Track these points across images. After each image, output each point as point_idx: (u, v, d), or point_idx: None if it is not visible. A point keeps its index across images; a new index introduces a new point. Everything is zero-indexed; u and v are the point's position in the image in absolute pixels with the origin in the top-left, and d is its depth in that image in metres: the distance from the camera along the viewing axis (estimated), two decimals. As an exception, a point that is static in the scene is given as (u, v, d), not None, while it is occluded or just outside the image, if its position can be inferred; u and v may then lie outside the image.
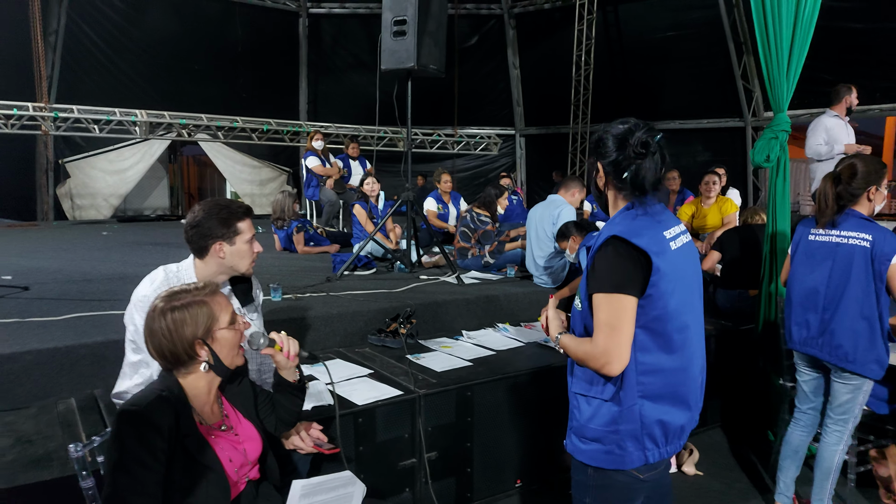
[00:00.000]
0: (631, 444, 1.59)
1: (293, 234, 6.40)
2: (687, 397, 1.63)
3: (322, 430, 2.13)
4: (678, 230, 1.65)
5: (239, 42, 12.27)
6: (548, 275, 4.54)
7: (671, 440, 1.63)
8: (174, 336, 1.58)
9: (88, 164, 11.17)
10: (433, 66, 4.53)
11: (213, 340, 1.64)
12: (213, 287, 1.70)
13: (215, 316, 1.64)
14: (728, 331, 3.93)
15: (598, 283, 1.56)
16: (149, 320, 1.61)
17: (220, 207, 2.12)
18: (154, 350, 1.61)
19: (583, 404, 1.67)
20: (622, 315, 1.52)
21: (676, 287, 1.56)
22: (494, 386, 2.95)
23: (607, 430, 1.60)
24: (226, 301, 1.71)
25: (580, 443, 1.68)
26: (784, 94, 3.48)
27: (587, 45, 12.02)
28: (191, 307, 1.61)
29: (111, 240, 7.57)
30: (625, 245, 1.54)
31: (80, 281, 4.45)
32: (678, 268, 1.58)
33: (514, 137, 14.05)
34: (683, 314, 1.60)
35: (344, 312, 3.63)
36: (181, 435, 1.54)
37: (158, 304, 1.62)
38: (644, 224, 1.58)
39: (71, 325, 3.13)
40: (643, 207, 1.62)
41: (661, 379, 1.58)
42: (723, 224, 5.42)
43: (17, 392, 2.66)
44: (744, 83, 11.05)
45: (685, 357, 1.61)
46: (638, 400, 1.57)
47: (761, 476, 3.33)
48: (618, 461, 1.61)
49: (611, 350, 1.51)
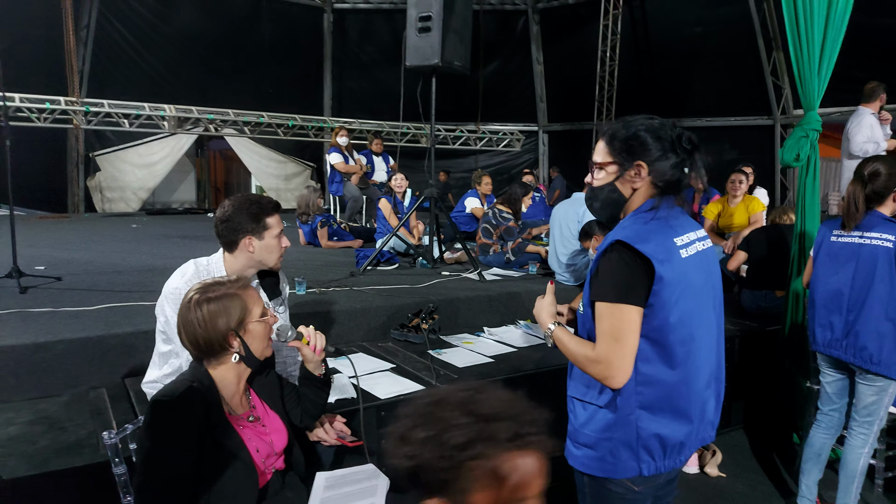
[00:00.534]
0: (625, 452, 1.53)
1: (317, 228, 6.46)
2: (689, 411, 1.54)
3: (345, 423, 2.16)
4: (693, 236, 1.57)
5: (266, 38, 12.40)
6: (571, 272, 4.52)
7: (669, 455, 1.55)
8: (209, 326, 1.62)
9: (118, 158, 11.39)
10: (458, 62, 4.53)
11: (246, 332, 1.68)
12: (245, 281, 1.75)
13: (248, 308, 1.68)
14: (753, 332, 3.87)
15: (600, 291, 1.50)
16: (184, 310, 1.65)
17: (250, 202, 2.16)
18: (188, 340, 1.64)
19: (578, 408, 1.62)
20: (626, 327, 1.45)
21: (682, 297, 1.48)
22: (516, 383, 2.95)
23: (601, 436, 1.55)
24: (257, 294, 1.75)
25: (573, 448, 1.63)
26: (815, 92, 3.41)
27: (612, 40, 11.91)
28: (225, 299, 1.65)
29: (140, 232, 7.72)
30: (629, 251, 1.46)
31: (110, 272, 4.56)
32: (686, 276, 1.49)
33: (536, 134, 13.98)
34: (689, 325, 1.51)
35: (367, 307, 3.66)
36: (211, 425, 1.57)
37: (194, 296, 1.66)
38: (654, 229, 1.50)
39: (102, 315, 3.20)
40: (661, 210, 1.54)
41: (661, 391, 1.51)
42: (749, 223, 5.33)
43: (50, 380, 2.74)
44: (773, 80, 10.85)
45: (688, 370, 1.52)
46: (635, 410, 1.51)
47: (785, 479, 3.29)
48: (609, 469, 1.55)
49: (613, 362, 1.46)
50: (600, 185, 1.62)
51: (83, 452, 2.03)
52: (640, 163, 1.56)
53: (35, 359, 2.70)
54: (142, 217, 10.20)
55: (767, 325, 3.94)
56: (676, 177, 1.56)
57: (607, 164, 1.60)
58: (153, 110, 9.61)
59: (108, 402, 2.52)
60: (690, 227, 1.59)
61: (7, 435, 2.15)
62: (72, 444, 2.10)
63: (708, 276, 1.59)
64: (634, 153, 1.56)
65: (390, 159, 8.58)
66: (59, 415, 2.37)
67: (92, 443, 2.11)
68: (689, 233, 1.57)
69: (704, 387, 1.58)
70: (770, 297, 4.11)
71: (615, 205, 1.61)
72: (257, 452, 1.66)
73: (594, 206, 1.67)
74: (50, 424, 2.27)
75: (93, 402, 2.52)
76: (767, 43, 10.68)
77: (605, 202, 1.62)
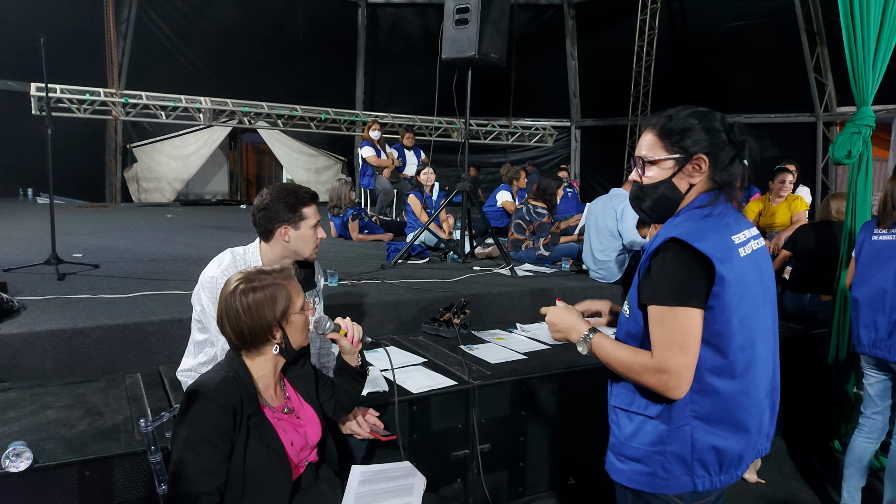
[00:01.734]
0: (678, 467, 1.41)
1: (348, 221, 6.47)
2: (748, 423, 1.42)
3: (378, 417, 2.13)
4: (749, 234, 1.46)
5: (300, 32, 12.48)
6: (605, 269, 4.43)
7: (726, 469, 1.44)
8: (255, 316, 1.60)
9: (154, 150, 11.61)
10: (494, 55, 4.46)
11: (288, 323, 1.66)
12: (289, 271, 1.73)
13: (293, 300, 1.66)
14: (798, 335, 3.74)
15: (655, 293, 1.37)
16: (228, 299, 1.63)
17: (287, 192, 2.14)
18: (231, 329, 1.62)
19: (623, 419, 1.49)
20: (689, 332, 1.33)
21: (743, 299, 1.37)
22: (550, 381, 2.89)
23: (652, 450, 1.43)
24: (299, 286, 1.73)
25: (618, 461, 1.51)
26: (869, 86, 3.27)
27: (650, 35, 11.69)
28: (271, 289, 1.63)
29: (175, 222, 7.84)
30: (686, 250, 1.34)
31: (146, 261, 4.62)
32: (746, 277, 1.38)
33: (569, 129, 13.82)
34: (749, 330, 1.40)
35: (399, 300, 3.64)
36: (245, 416, 1.56)
37: (239, 285, 1.64)
38: (710, 226, 1.38)
39: (139, 302, 3.24)
40: (717, 207, 1.43)
41: (719, 401, 1.39)
42: (792, 223, 5.16)
43: (87, 365, 2.78)
44: (816, 76, 10.53)
45: (749, 379, 1.40)
46: (691, 420, 1.39)
47: (826, 488, 3.17)
48: (661, 485, 1.43)
49: (678, 371, 1.33)
50: (653, 183, 1.49)
51: (119, 439, 2.04)
52: (700, 156, 1.45)
53: (73, 344, 2.74)
54: (176, 207, 10.37)
55: (812, 329, 3.80)
56: (734, 171, 1.46)
57: (662, 159, 1.48)
58: (189, 102, 9.74)
59: (143, 389, 2.54)
60: (745, 225, 1.48)
61: (45, 419, 2.18)
62: (109, 429, 2.11)
63: (762, 276, 1.48)
64: (693, 146, 1.45)
65: (422, 153, 8.56)
66: (96, 400, 2.40)
67: (128, 429, 2.12)
68: (745, 230, 1.46)
69: (763, 396, 1.48)
70: (815, 300, 3.95)
71: (671, 203, 1.49)
72: (291, 445, 1.64)
73: (643, 206, 1.53)
74: (87, 409, 2.29)
75: (129, 389, 2.54)
76: (811, 38, 10.37)
77: (659, 200, 1.50)
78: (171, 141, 11.70)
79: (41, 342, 2.69)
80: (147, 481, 1.95)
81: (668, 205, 1.50)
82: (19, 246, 5.06)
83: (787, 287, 4.21)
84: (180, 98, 9.76)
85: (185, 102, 9.73)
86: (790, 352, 3.67)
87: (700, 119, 1.47)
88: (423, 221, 5.73)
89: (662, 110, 1.55)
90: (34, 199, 10.30)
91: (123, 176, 11.36)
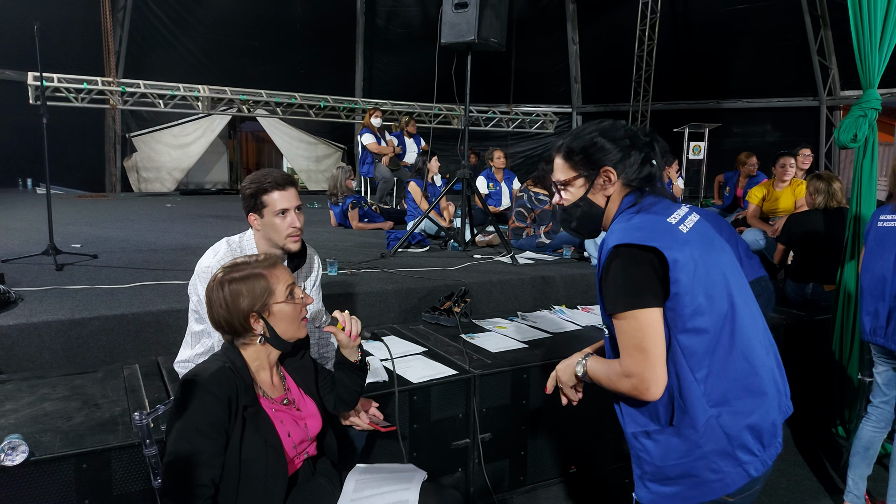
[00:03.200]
0: (725, 463, 1.37)
1: (348, 209, 6.44)
2: (762, 386, 1.40)
3: (378, 408, 2.11)
4: (683, 212, 1.48)
5: (298, 19, 12.38)
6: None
7: (768, 442, 1.41)
8: (230, 307, 1.58)
9: (153, 139, 11.54)
10: (494, 39, 4.40)
11: (270, 314, 1.62)
12: (273, 259, 1.68)
13: (271, 289, 1.61)
14: (800, 321, 3.72)
15: (610, 303, 1.39)
16: (208, 290, 1.61)
17: (252, 179, 2.09)
18: (212, 320, 1.61)
19: (647, 444, 1.44)
20: (645, 332, 1.33)
21: (702, 273, 1.36)
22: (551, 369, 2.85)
23: (692, 458, 1.38)
24: (285, 274, 1.68)
25: (664, 487, 1.43)
26: (875, 69, 3.21)
27: (651, 19, 11.56)
28: (248, 280, 1.60)
29: (174, 212, 7.81)
30: (630, 250, 1.35)
31: (145, 251, 4.59)
32: (696, 251, 1.38)
33: (570, 115, 13.72)
34: (722, 297, 1.39)
35: (399, 289, 3.61)
36: (241, 406, 1.53)
37: (218, 275, 1.62)
38: (644, 220, 1.41)
39: (137, 292, 3.22)
40: (644, 203, 1.47)
41: (725, 378, 1.37)
42: (795, 208, 5.12)
43: (85, 356, 2.76)
44: (820, 59, 10.41)
45: (741, 343, 1.39)
46: (710, 411, 1.36)
47: (830, 475, 3.16)
48: (717, 488, 1.38)
49: (641, 374, 1.33)
50: (572, 203, 1.56)
51: (117, 430, 2.02)
52: (606, 168, 1.50)
53: (71, 335, 2.72)
54: (176, 197, 10.33)
55: (815, 315, 3.77)
56: (647, 172, 1.50)
57: (572, 179, 1.55)
58: (187, 91, 9.66)
59: (141, 380, 2.52)
60: (676, 207, 1.50)
61: (43, 411, 2.16)
62: (106, 421, 2.10)
63: (714, 242, 1.47)
64: (598, 161, 1.51)
65: (422, 141, 8.50)
66: (93, 391, 2.38)
67: (125, 420, 2.10)
68: (677, 211, 1.48)
69: (765, 354, 1.46)
70: (818, 290, 3.91)
71: (593, 218, 1.55)
72: (289, 437, 1.61)
73: (572, 226, 1.59)
74: (84, 401, 2.27)
75: (127, 380, 2.52)
76: (815, 20, 10.24)
77: (583, 218, 1.56)
78: (171, 130, 11.63)
79: (38, 333, 2.67)
80: (145, 474, 1.94)
81: (593, 220, 1.56)
82: (17, 236, 5.04)
83: (789, 276, 4.17)
84: (178, 86, 9.69)
85: (184, 91, 9.66)
86: (793, 338, 3.65)
87: (602, 133, 1.52)
88: (423, 209, 5.69)
89: (570, 130, 1.62)
90: (33, 189, 10.27)
91: (123, 165, 11.31)
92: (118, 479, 1.95)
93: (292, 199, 2.08)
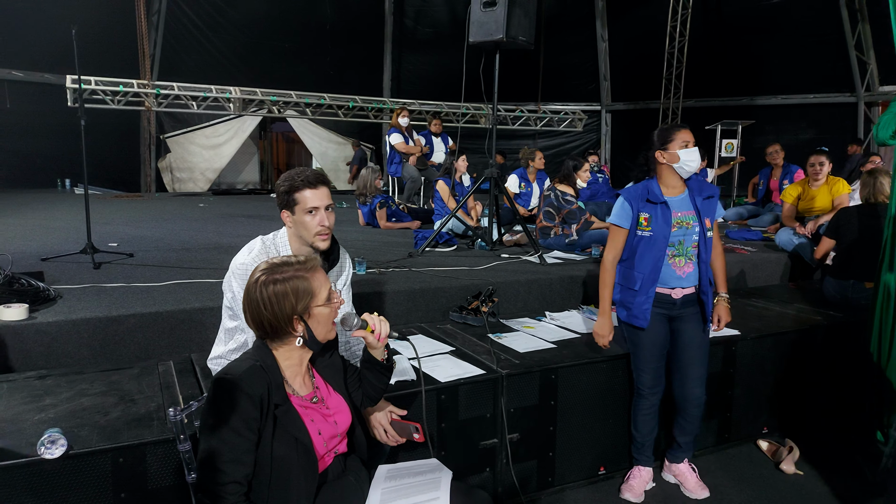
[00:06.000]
0: None
1: (376, 209, 6.47)
2: None
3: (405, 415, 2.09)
4: None
5: (328, 20, 12.50)
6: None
7: None
8: (274, 308, 1.59)
9: (187, 140, 11.78)
10: (522, 37, 4.38)
11: (310, 317, 1.64)
12: (314, 262, 1.69)
13: (315, 293, 1.64)
14: (838, 322, 3.62)
15: None
16: (250, 290, 1.63)
17: (285, 177, 2.13)
18: (252, 319, 1.63)
19: None
20: None
21: None
22: (580, 370, 2.84)
23: None
24: (325, 277, 1.70)
25: None
26: (917, 63, 3.11)
27: (683, 15, 11.37)
28: (292, 281, 1.61)
29: (207, 211, 7.95)
30: None
31: (179, 249, 4.69)
32: None
33: (599, 114, 13.58)
34: None
35: (426, 288, 3.62)
36: (273, 405, 1.55)
37: (261, 276, 1.63)
38: None
39: (171, 291, 3.28)
40: None
41: None
42: (833, 207, 4.98)
43: (121, 352, 2.83)
44: (857, 55, 10.13)
45: None
46: None
47: (868, 480, 3.07)
48: None
49: None
50: None
51: (152, 426, 2.06)
52: None
53: (108, 332, 2.80)
54: (209, 197, 10.53)
55: (854, 316, 3.67)
56: None
57: None
58: (219, 92, 9.84)
59: (175, 377, 2.57)
60: None
61: (80, 406, 2.22)
62: (142, 416, 2.14)
63: None
64: None
65: (449, 140, 8.50)
66: (129, 387, 2.43)
67: (160, 416, 2.14)
68: None
69: None
70: (858, 287, 3.80)
71: None
72: (319, 435, 1.63)
73: None
74: (121, 396, 2.33)
75: (162, 376, 2.58)
76: (852, 14, 9.97)
77: None
78: (203, 131, 11.86)
79: (77, 330, 2.75)
80: (179, 468, 1.97)
81: None
82: (56, 235, 5.19)
83: (829, 273, 4.06)
84: (211, 88, 9.87)
85: (216, 92, 9.84)
86: (830, 340, 3.56)
87: None
88: (450, 208, 5.69)
89: None
90: (71, 189, 10.57)
91: (157, 166, 11.57)
92: (153, 473, 1.99)
93: (324, 198, 2.11)
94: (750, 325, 3.42)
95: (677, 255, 2.68)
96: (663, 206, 2.63)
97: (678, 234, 2.65)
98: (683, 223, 2.66)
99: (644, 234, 2.65)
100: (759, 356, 3.33)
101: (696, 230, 2.67)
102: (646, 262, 2.64)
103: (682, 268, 2.69)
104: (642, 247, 2.65)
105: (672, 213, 2.63)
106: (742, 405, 3.33)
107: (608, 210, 6.85)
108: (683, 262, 2.69)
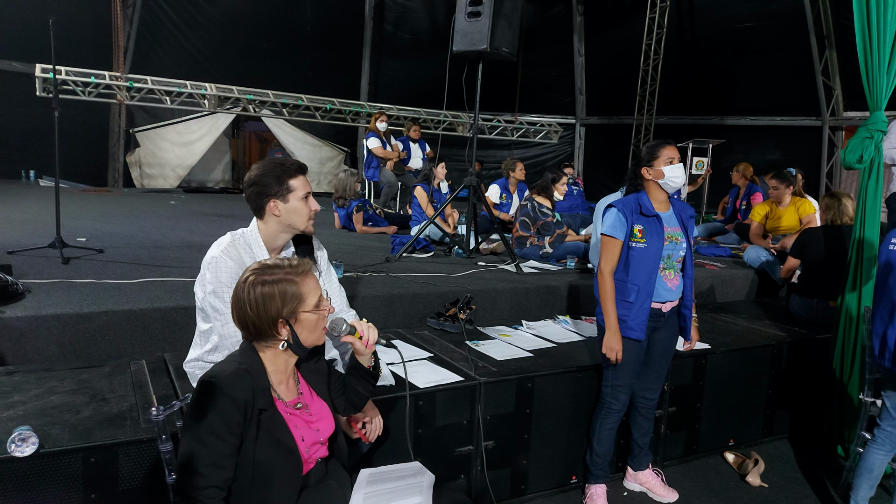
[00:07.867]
0: None
1: (353, 213, 6.45)
2: None
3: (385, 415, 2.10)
4: None
5: (307, 21, 12.43)
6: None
7: None
8: (259, 310, 1.58)
9: (158, 135, 11.54)
10: (506, 49, 4.43)
11: (296, 321, 1.63)
12: (305, 266, 1.68)
13: (303, 298, 1.62)
14: (803, 339, 3.73)
15: None
16: (238, 289, 1.61)
17: (273, 165, 2.14)
18: (237, 318, 1.61)
19: None
20: None
21: None
22: (556, 379, 2.88)
23: None
24: (316, 283, 1.69)
25: None
26: (883, 91, 3.24)
27: (658, 34, 11.63)
28: (281, 284, 1.60)
29: (179, 209, 7.81)
30: None
31: (151, 247, 4.60)
32: None
33: (573, 126, 13.77)
34: None
35: (404, 294, 3.62)
36: (257, 410, 1.54)
37: (250, 276, 1.61)
38: None
39: (144, 288, 3.22)
40: None
41: None
42: (801, 225, 5.15)
43: (92, 350, 2.76)
44: (824, 80, 10.49)
45: None
46: None
47: (830, 493, 3.16)
48: None
49: None
50: None
51: (125, 426, 2.02)
52: None
53: (78, 329, 2.73)
54: (180, 195, 10.33)
55: (818, 333, 3.79)
56: None
57: None
58: (194, 88, 9.68)
59: (148, 376, 2.52)
60: None
61: (51, 403, 2.16)
62: (114, 416, 2.10)
63: None
64: None
65: (426, 146, 8.52)
66: (101, 386, 2.38)
67: (133, 416, 2.10)
68: None
69: None
70: (822, 305, 3.93)
71: None
72: (303, 441, 1.62)
73: None
74: (92, 395, 2.27)
75: (134, 375, 2.52)
76: (820, 41, 10.32)
77: None
78: (175, 127, 11.64)
79: (46, 326, 2.68)
80: (152, 469, 1.94)
81: None
82: (23, 228, 5.04)
83: (795, 291, 4.19)
84: (185, 84, 9.71)
85: (191, 88, 9.68)
86: (796, 356, 3.67)
87: None
88: (428, 215, 5.70)
89: None
90: (36, 181, 10.26)
91: (126, 161, 11.31)
92: (125, 474, 1.95)
93: (309, 185, 2.21)
94: (720, 340, 3.51)
95: (667, 268, 2.74)
96: (655, 220, 2.69)
97: (668, 249, 2.71)
98: (673, 238, 2.72)
99: (638, 245, 2.68)
100: (728, 370, 3.42)
101: (683, 245, 2.76)
102: (641, 273, 2.67)
103: (672, 280, 2.76)
104: (636, 259, 2.68)
105: (664, 227, 2.70)
106: (710, 417, 3.41)
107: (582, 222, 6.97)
108: (672, 275, 2.76)
